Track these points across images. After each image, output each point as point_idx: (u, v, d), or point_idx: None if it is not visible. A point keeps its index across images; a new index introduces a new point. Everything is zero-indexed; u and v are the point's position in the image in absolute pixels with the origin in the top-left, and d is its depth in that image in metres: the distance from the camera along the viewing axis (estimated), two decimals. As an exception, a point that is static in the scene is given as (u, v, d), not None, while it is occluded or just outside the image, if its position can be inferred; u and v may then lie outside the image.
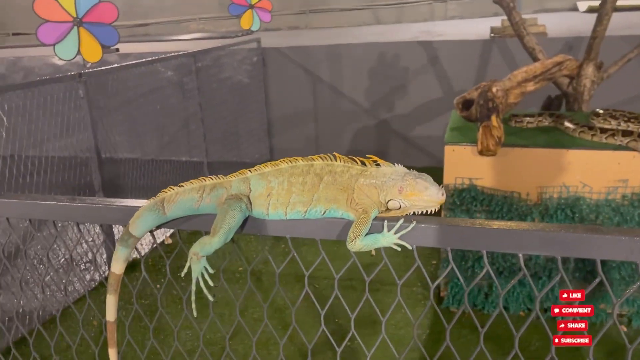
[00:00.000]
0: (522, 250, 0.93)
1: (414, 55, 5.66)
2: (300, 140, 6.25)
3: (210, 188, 1.11)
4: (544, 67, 3.50)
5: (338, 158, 1.09)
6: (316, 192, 1.06)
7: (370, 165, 1.06)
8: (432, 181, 1.01)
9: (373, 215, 1.02)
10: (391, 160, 4.12)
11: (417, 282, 3.60)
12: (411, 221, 0.99)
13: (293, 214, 1.08)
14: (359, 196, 1.03)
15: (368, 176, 1.05)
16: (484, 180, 2.94)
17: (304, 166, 1.09)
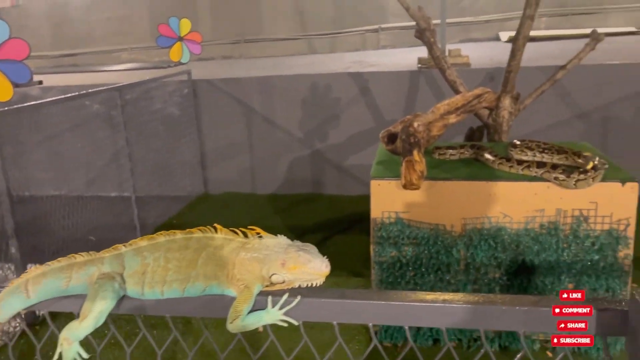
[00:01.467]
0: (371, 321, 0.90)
1: (345, 86, 5.75)
2: (234, 171, 6.17)
3: (79, 266, 1.03)
4: (464, 99, 3.63)
5: (219, 230, 1.04)
6: (194, 268, 1.01)
7: (252, 238, 1.02)
8: (316, 253, 0.99)
9: (256, 291, 0.97)
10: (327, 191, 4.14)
11: (351, 316, 3.58)
12: (296, 295, 0.95)
13: (170, 293, 1.01)
14: (240, 271, 0.99)
15: (250, 249, 1.01)
16: (410, 214, 2.98)
17: (181, 240, 1.04)
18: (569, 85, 5.27)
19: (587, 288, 2.85)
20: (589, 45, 3.73)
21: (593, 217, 2.80)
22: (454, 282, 3.00)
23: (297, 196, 5.97)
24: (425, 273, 3.00)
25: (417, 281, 3.03)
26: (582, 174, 2.72)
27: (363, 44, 10.24)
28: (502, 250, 2.91)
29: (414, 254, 3.00)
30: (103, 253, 1.04)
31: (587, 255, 2.83)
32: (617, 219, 2.79)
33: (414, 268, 3.02)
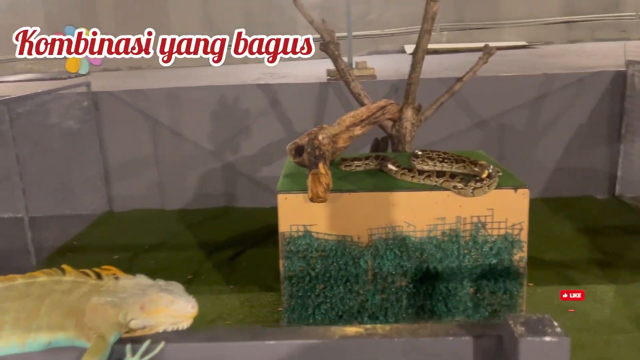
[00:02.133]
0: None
1: (255, 97, 5.69)
2: (141, 187, 5.91)
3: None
4: (369, 111, 3.70)
5: (67, 272, 0.94)
6: (36, 319, 0.87)
7: (107, 279, 0.93)
8: (181, 292, 0.92)
9: (113, 339, 0.87)
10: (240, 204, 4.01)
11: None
12: (160, 341, 0.87)
13: (8, 349, 0.87)
14: (91, 319, 0.88)
15: (104, 293, 0.91)
16: (318, 226, 2.97)
17: (21, 286, 0.90)
18: (468, 96, 5.55)
19: (487, 291, 2.98)
20: (482, 59, 3.94)
21: (490, 223, 2.93)
22: (362, 292, 3.01)
23: (208, 211, 5.81)
24: (335, 285, 3.00)
25: (326, 294, 3.01)
26: (478, 182, 2.84)
27: (275, 55, 10.24)
28: (408, 258, 2.97)
29: (322, 267, 2.99)
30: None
31: (485, 260, 2.95)
32: (512, 224, 2.94)
33: (323, 281, 3.00)
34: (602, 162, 5.69)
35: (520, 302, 3.00)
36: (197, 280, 4.24)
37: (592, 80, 5.52)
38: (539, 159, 5.66)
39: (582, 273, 4.02)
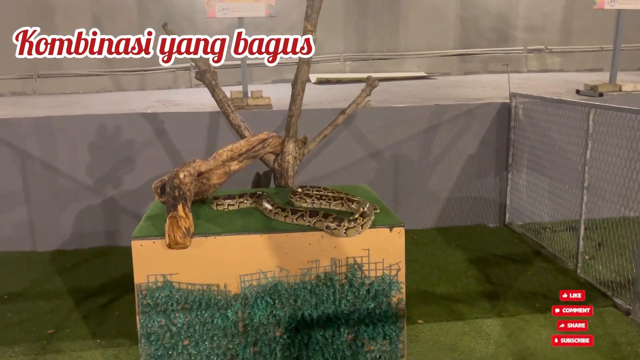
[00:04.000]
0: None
1: (139, 127, 5.29)
2: (9, 227, 5.27)
3: None
4: (249, 145, 3.47)
5: None
6: None
7: None
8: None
9: None
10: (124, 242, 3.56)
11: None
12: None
13: None
14: None
15: None
16: (180, 275, 2.66)
17: None
18: (362, 127, 5.50)
19: (366, 337, 2.79)
20: (364, 91, 3.86)
21: (366, 265, 2.77)
22: (232, 347, 2.73)
23: (86, 251, 5.28)
24: (200, 341, 2.69)
25: (191, 351, 2.69)
26: (351, 222, 2.67)
27: (175, 82, 9.84)
28: (281, 306, 2.73)
29: (186, 321, 2.67)
30: None
31: (363, 304, 2.77)
32: (389, 264, 2.79)
33: (187, 336, 2.68)
34: (492, 191, 5.82)
35: (401, 346, 2.84)
36: (59, 334, 3.73)
37: (481, 111, 5.67)
38: (433, 189, 5.69)
39: (470, 306, 3.98)
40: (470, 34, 11.01)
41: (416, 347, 3.43)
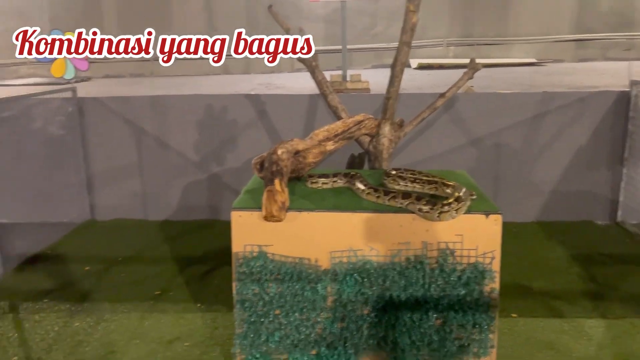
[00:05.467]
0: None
1: (243, 108, 5.54)
2: (125, 196, 5.76)
3: None
4: (345, 126, 3.51)
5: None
6: None
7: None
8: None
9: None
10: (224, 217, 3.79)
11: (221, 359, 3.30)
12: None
13: None
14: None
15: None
16: (274, 247, 2.77)
17: None
18: (463, 113, 5.34)
19: (455, 324, 2.74)
20: (466, 74, 3.74)
21: (459, 250, 2.71)
22: (320, 320, 2.80)
23: (191, 223, 5.65)
24: (290, 311, 2.79)
25: (281, 320, 2.81)
26: (445, 205, 2.62)
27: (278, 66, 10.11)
28: (369, 285, 2.75)
29: (278, 291, 2.78)
30: None
31: (453, 290, 2.72)
32: (483, 252, 2.71)
33: (278, 306, 2.80)
34: (603, 186, 5.41)
35: (491, 337, 2.76)
36: (164, 296, 4.05)
37: (595, 100, 5.27)
38: (536, 180, 5.40)
39: (571, 305, 3.75)
40: (587, 18, 10.19)
41: (508, 341, 3.31)
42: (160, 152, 5.64)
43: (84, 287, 4.21)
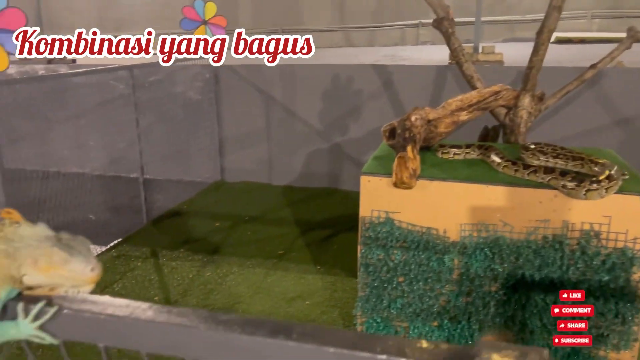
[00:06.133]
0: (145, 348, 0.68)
1: (369, 78, 5.51)
2: (251, 160, 6.05)
3: None
4: (480, 96, 3.35)
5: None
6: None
7: (7, 224, 0.82)
8: (83, 250, 0.77)
9: (5, 295, 0.76)
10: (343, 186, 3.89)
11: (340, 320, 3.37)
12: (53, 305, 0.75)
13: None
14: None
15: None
16: (401, 215, 2.74)
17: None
18: (610, 90, 4.86)
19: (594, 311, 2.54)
20: (623, 44, 3.37)
21: (605, 233, 2.49)
22: (445, 292, 2.74)
23: (312, 190, 5.79)
24: (414, 280, 2.76)
25: (404, 288, 2.79)
26: (594, 183, 2.41)
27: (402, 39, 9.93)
28: (500, 261, 2.63)
29: (403, 259, 2.76)
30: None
31: (595, 275, 2.52)
32: (633, 237, 2.46)
33: (402, 273, 2.78)
34: None
35: (635, 329, 2.52)
36: (286, 256, 4.22)
37: None
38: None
39: None
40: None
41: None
42: (286, 119, 5.81)
43: (214, 241, 4.51)
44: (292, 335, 0.62)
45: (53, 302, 0.73)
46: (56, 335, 0.72)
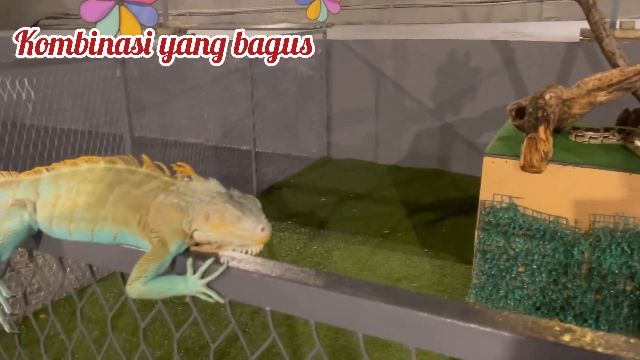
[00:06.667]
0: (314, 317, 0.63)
1: (487, 55, 5.20)
2: (359, 137, 6.00)
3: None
4: (622, 75, 3.01)
5: (146, 163, 0.82)
6: (103, 207, 0.80)
7: (179, 178, 0.80)
8: (254, 209, 0.74)
9: (175, 248, 0.75)
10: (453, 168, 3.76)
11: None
12: (221, 263, 0.72)
13: (78, 235, 0.83)
14: (154, 220, 0.77)
15: (172, 193, 0.78)
16: (527, 200, 2.56)
17: (101, 170, 0.83)
18: None
19: None
20: None
21: None
22: (571, 287, 2.53)
23: (419, 171, 5.63)
24: (537, 272, 2.57)
25: (525, 279, 2.61)
26: None
27: (523, 15, 9.27)
28: (639, 259, 2.37)
29: (525, 248, 2.58)
30: (23, 175, 0.91)
31: None
32: None
33: (523, 263, 2.60)
34: None
35: None
36: (392, 236, 4.14)
37: None
38: None
39: None
40: None
41: None
42: (396, 96, 5.68)
43: (320, 216, 4.54)
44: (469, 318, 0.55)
45: (221, 260, 0.72)
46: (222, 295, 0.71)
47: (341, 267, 3.70)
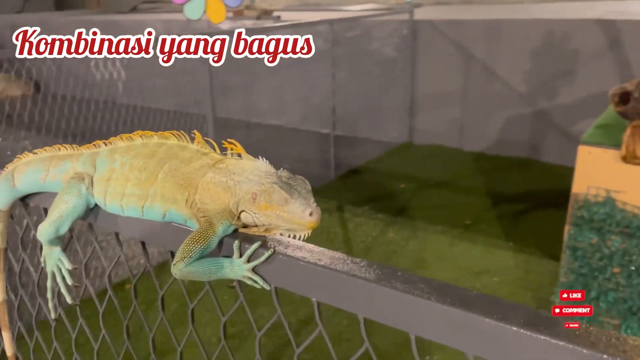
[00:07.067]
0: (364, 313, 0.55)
1: (590, 36, 4.79)
2: (443, 123, 5.78)
3: (58, 160, 0.90)
4: None
5: (197, 140, 0.78)
6: (153, 183, 0.78)
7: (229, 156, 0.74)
8: (303, 192, 0.67)
9: (223, 229, 0.71)
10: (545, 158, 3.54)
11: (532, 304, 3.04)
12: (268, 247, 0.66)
13: (129, 210, 0.81)
14: (202, 198, 0.73)
15: (221, 171, 0.73)
16: (627, 195, 2.31)
17: (153, 145, 0.81)
18: None
19: None
20: None
21: None
22: (675, 293, 2.27)
23: (507, 159, 5.33)
24: (635, 273, 2.33)
25: (621, 281, 2.37)
26: None
27: (632, -8, 8.45)
28: None
29: (622, 247, 2.34)
30: (84, 148, 0.90)
31: None
32: None
33: (620, 264, 2.36)
34: None
35: None
36: (474, 227, 3.95)
37: None
38: None
39: None
40: None
41: None
42: (485, 80, 5.39)
43: (399, 202, 4.43)
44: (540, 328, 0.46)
45: (268, 245, 0.67)
46: (268, 281, 0.66)
47: (419, 257, 3.58)
